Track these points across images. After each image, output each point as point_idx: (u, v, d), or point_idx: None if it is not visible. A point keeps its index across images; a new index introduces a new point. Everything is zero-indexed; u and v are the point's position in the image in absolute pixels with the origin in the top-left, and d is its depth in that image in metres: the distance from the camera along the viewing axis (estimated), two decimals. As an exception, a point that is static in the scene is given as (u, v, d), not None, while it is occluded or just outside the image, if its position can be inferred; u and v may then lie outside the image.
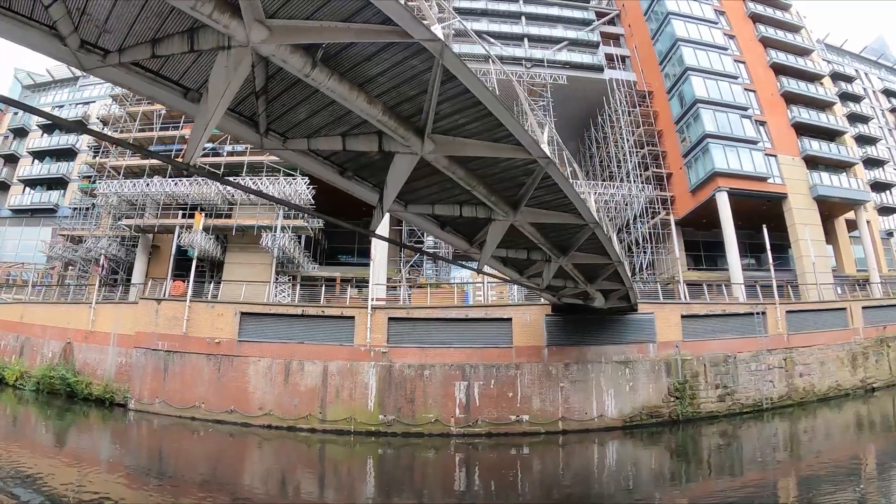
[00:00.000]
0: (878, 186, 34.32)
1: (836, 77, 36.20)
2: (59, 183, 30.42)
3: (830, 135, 29.53)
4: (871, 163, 34.50)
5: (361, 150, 6.38)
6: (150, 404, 17.64)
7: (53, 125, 32.83)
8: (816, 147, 28.00)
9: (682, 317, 19.22)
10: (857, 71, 39.30)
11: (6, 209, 31.23)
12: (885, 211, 34.52)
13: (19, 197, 30.82)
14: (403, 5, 4.01)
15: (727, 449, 16.06)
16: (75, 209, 27.64)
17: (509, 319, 18.15)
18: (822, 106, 30.14)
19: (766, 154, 26.76)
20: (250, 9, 3.80)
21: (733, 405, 18.25)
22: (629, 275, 15.73)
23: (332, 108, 5.69)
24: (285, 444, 16.31)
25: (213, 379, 17.72)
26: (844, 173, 28.52)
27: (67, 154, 30.07)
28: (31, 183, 31.32)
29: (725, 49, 28.60)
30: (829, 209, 28.62)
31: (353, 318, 18.45)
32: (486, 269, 11.02)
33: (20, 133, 32.77)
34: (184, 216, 23.01)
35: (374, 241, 20.13)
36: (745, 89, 28.16)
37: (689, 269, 28.04)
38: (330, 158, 6.99)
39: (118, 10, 4.12)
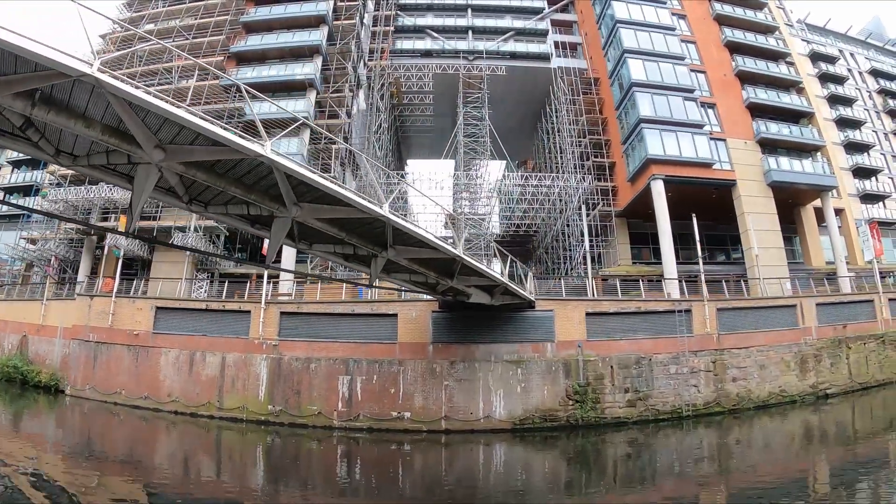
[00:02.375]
0: (861, 172, 31.26)
1: (816, 57, 33.40)
2: (32, 190, 32.56)
3: (795, 116, 27.28)
4: (855, 147, 31.58)
5: (124, 163, 6.98)
6: (83, 390, 18.80)
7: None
8: (774, 129, 25.84)
9: (588, 314, 18.16)
10: (841, 51, 35.92)
11: (-15, 215, 33.67)
12: (868, 198, 31.36)
13: (-2, 204, 33.21)
14: (44, 54, 4.70)
15: (637, 458, 14.62)
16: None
17: (395, 315, 17.86)
18: (787, 86, 27.88)
19: (712, 138, 24.96)
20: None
21: (646, 411, 16.90)
22: (497, 271, 15.09)
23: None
24: (188, 429, 17.00)
25: (132, 368, 18.66)
26: (809, 157, 26.25)
27: (39, 162, 32.14)
28: (9, 190, 33.71)
29: (672, 29, 26.91)
30: (795, 197, 26.43)
31: (249, 312, 18.77)
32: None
33: (3, 144, 35.31)
34: (115, 219, 24.09)
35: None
36: (693, 70, 26.43)
37: (633, 262, 26.71)
38: (117, 169, 7.50)
39: None
